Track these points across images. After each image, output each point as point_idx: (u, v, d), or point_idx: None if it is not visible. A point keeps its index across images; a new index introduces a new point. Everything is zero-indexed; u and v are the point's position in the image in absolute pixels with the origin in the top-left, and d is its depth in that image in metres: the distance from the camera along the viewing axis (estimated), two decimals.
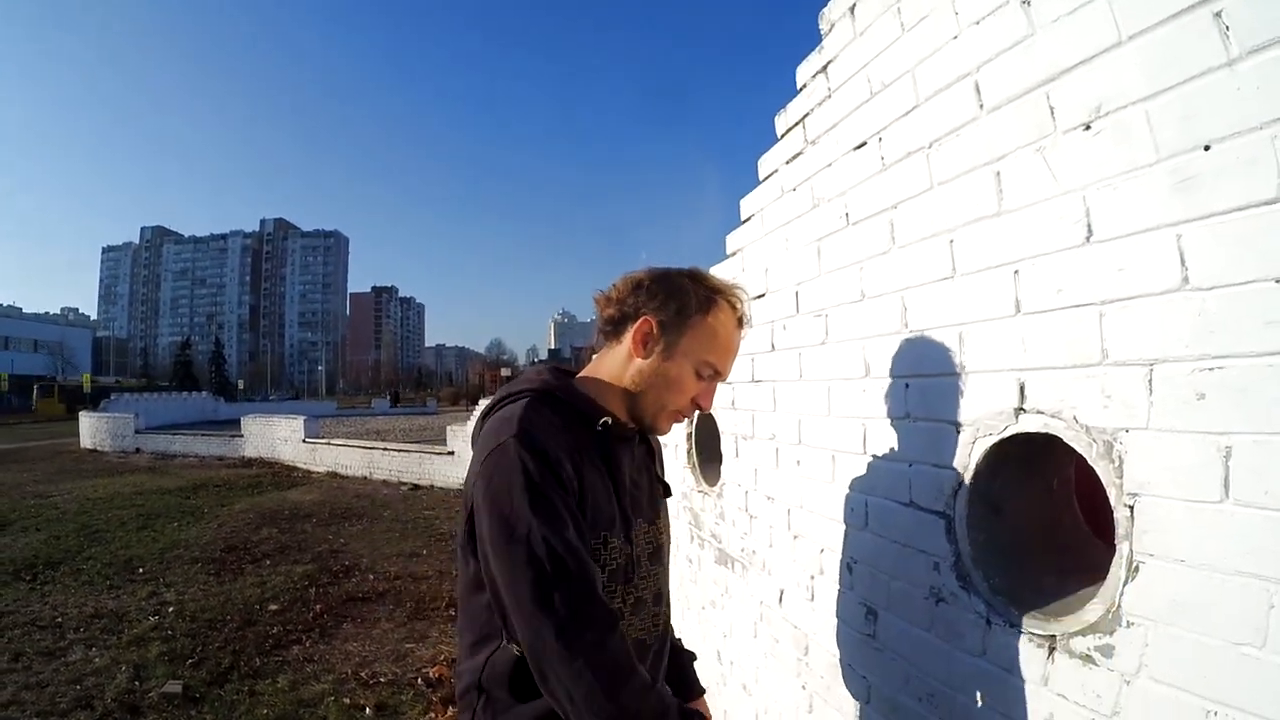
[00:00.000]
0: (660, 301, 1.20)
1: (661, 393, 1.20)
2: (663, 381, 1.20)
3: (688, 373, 1.20)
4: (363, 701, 3.77)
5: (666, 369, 1.19)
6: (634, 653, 1.15)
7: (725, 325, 1.22)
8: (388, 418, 37.56)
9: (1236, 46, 0.84)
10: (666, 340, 1.19)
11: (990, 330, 1.27)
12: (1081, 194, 1.07)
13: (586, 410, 1.17)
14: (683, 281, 1.22)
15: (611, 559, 1.12)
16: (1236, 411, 0.85)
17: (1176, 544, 0.92)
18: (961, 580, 1.35)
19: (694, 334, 1.20)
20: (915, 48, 1.47)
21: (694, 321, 1.20)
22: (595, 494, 1.11)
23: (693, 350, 1.20)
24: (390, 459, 12.84)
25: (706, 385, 1.24)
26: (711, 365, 1.21)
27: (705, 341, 1.20)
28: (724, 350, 1.23)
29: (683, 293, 1.20)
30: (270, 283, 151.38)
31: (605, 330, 1.26)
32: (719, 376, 1.24)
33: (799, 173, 2.03)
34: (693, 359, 1.20)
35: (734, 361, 1.27)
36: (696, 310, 1.20)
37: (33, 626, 4.94)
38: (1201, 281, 0.89)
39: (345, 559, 6.97)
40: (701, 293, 1.22)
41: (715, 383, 1.25)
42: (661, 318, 1.19)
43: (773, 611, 2.29)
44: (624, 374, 1.22)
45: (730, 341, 1.24)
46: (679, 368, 1.20)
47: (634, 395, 1.22)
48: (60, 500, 10.66)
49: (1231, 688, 0.85)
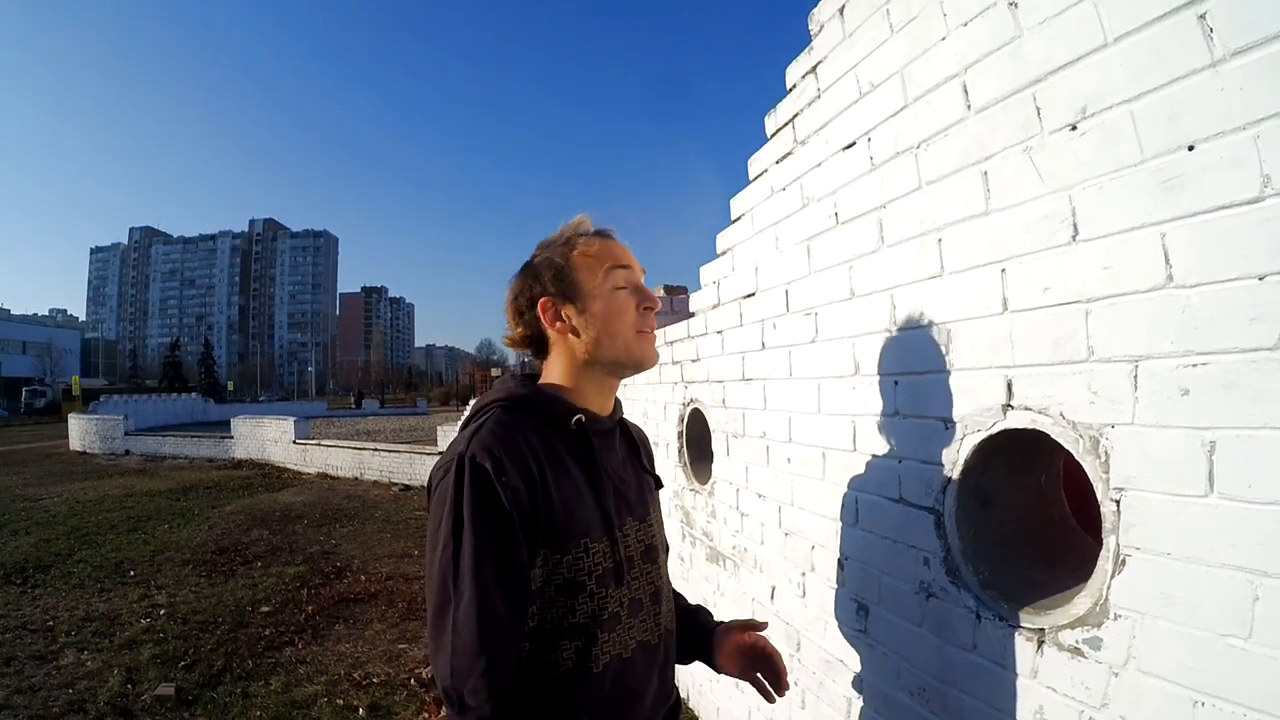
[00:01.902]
0: (535, 283, 1.20)
1: (609, 328, 1.18)
2: (601, 322, 1.17)
3: (611, 298, 1.18)
4: (355, 702, 3.76)
5: (594, 312, 1.17)
6: (640, 661, 1.15)
7: (593, 245, 1.20)
8: (378, 418, 37.44)
9: (1221, 48, 0.85)
10: (568, 297, 1.18)
11: (978, 328, 1.29)
12: (1068, 194, 1.09)
13: (558, 410, 1.15)
14: (535, 259, 1.23)
15: (596, 564, 1.09)
16: (1220, 406, 0.87)
17: (1162, 537, 0.94)
18: (951, 575, 1.36)
19: (582, 272, 1.18)
20: (904, 49, 1.48)
21: (571, 265, 1.18)
22: (569, 499, 1.08)
23: (594, 280, 1.18)
24: (381, 460, 12.78)
25: (634, 289, 1.21)
26: (618, 272, 1.19)
27: (594, 265, 1.18)
28: (613, 256, 1.20)
29: (543, 264, 1.20)
30: (260, 283, 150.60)
31: (533, 352, 1.25)
32: (634, 274, 1.22)
33: (789, 172, 2.04)
34: (602, 285, 1.18)
35: (631, 258, 1.24)
36: (564, 259, 1.19)
37: (24, 630, 4.90)
38: (1186, 279, 0.91)
39: (337, 560, 6.94)
40: (554, 247, 1.21)
41: (637, 280, 1.22)
42: (550, 290, 1.19)
43: (765, 608, 2.30)
44: (575, 355, 1.20)
45: (607, 248, 1.21)
46: (602, 302, 1.17)
47: (599, 357, 1.19)
48: (50, 503, 10.57)
49: (1218, 678, 0.86)
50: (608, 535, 1.12)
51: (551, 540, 1.05)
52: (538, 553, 1.04)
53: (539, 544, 1.04)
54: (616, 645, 1.11)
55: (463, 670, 0.96)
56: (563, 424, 1.14)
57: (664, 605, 1.25)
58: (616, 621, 1.11)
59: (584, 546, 1.08)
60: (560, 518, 1.06)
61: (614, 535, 1.13)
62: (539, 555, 1.04)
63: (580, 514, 1.09)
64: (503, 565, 1.00)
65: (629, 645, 1.13)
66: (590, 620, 1.08)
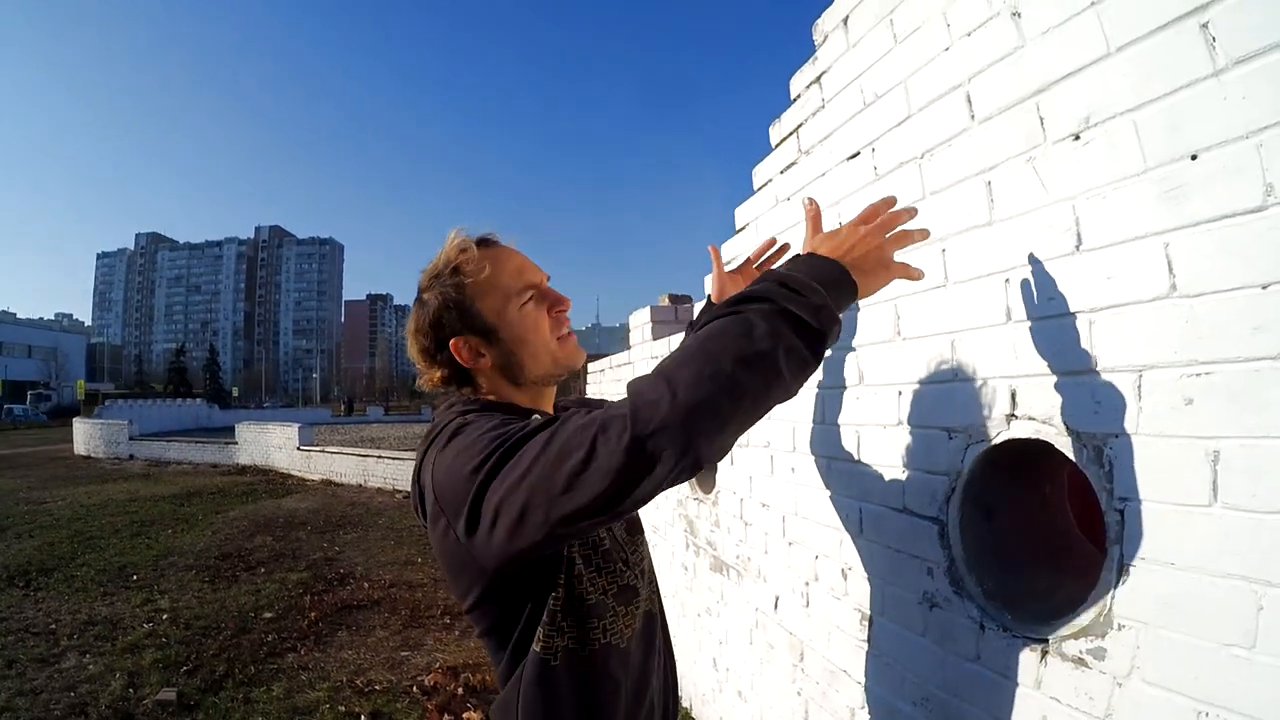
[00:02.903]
0: (437, 325, 1.14)
1: (528, 348, 1.15)
2: (519, 345, 1.14)
3: (517, 316, 1.14)
4: (358, 709, 3.76)
5: (507, 338, 1.14)
6: (643, 631, 1.15)
7: (481, 266, 1.13)
8: (382, 425, 37.48)
9: (1223, 57, 0.86)
10: (475, 326, 1.13)
11: (982, 338, 1.29)
12: (1071, 203, 1.09)
13: (514, 412, 1.11)
14: (426, 297, 1.16)
15: (601, 540, 1.11)
16: (1224, 416, 0.87)
17: (1166, 547, 0.94)
18: (955, 585, 1.36)
19: (479, 300, 1.13)
20: (908, 59, 1.49)
21: (466, 295, 1.12)
22: None
23: (496, 302, 1.13)
24: (385, 467, 12.78)
25: (539, 296, 1.16)
26: (517, 288, 1.15)
27: (489, 287, 1.13)
28: (506, 273, 1.15)
29: (437, 300, 1.14)
30: (265, 290, 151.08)
31: (458, 389, 1.20)
32: (535, 279, 1.17)
33: (793, 182, 2.04)
34: (505, 306, 1.14)
35: (526, 261, 1.19)
36: (457, 290, 1.12)
37: (26, 633, 4.90)
38: (1189, 289, 0.91)
39: (340, 567, 6.94)
40: (442, 280, 1.14)
41: (541, 285, 1.18)
42: (457, 328, 1.13)
43: (768, 618, 2.30)
44: (501, 379, 1.17)
45: (497, 266, 1.15)
46: (509, 324, 1.14)
47: (525, 377, 1.17)
48: (54, 507, 10.60)
49: (1222, 689, 0.86)
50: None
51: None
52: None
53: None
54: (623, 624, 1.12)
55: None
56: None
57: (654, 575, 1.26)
58: (634, 594, 1.14)
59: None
60: None
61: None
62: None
63: None
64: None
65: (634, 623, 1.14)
66: (603, 595, 1.09)
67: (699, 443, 0.78)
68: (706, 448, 0.79)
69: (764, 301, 0.85)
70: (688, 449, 0.77)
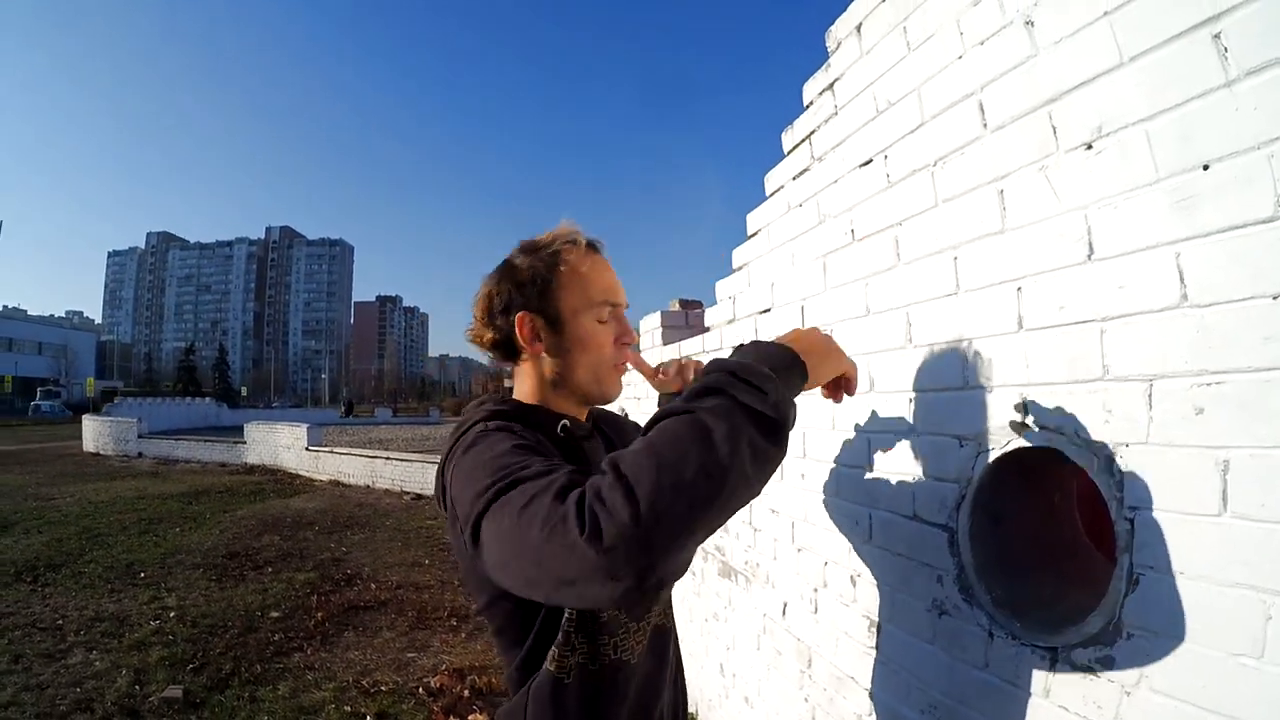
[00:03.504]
0: (515, 292, 1.14)
1: (584, 358, 1.15)
2: (577, 350, 1.14)
3: (589, 324, 1.14)
4: (363, 710, 3.77)
5: (569, 336, 1.14)
6: (652, 645, 1.16)
7: (582, 262, 1.14)
8: (390, 427, 37.57)
9: (1235, 67, 0.86)
10: (547, 315, 1.13)
11: (993, 346, 1.29)
12: (1083, 212, 1.09)
13: (543, 420, 1.12)
14: (516, 263, 1.16)
15: None
16: (1235, 426, 0.87)
17: (1176, 556, 0.94)
18: (964, 593, 1.36)
19: (564, 290, 1.13)
20: (921, 67, 1.49)
21: (554, 281, 1.13)
22: None
23: (575, 302, 1.13)
24: (393, 468, 12.81)
25: (616, 323, 1.17)
26: (601, 301, 1.15)
27: (577, 287, 1.13)
28: (600, 281, 1.15)
29: (525, 270, 1.14)
30: (275, 290, 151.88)
31: (498, 357, 1.21)
32: (618, 306, 1.18)
33: (805, 189, 2.05)
34: (582, 310, 1.13)
35: (618, 284, 1.19)
36: (548, 272, 1.13)
37: (33, 628, 4.94)
38: (1200, 298, 0.91)
39: (347, 567, 6.96)
40: (541, 255, 1.14)
41: (620, 314, 1.18)
42: (528, 305, 1.13)
43: (776, 624, 2.30)
44: (544, 374, 1.17)
45: (598, 270, 1.16)
46: (579, 327, 1.13)
47: (567, 382, 1.16)
48: (62, 503, 10.66)
49: (1230, 698, 0.86)
50: None
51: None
52: None
53: None
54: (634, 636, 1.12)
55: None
56: (549, 429, 1.12)
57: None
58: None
59: None
60: None
61: None
62: None
63: None
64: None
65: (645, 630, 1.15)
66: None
67: (659, 566, 0.73)
68: (667, 568, 0.75)
69: (719, 396, 0.82)
70: (647, 573, 0.72)
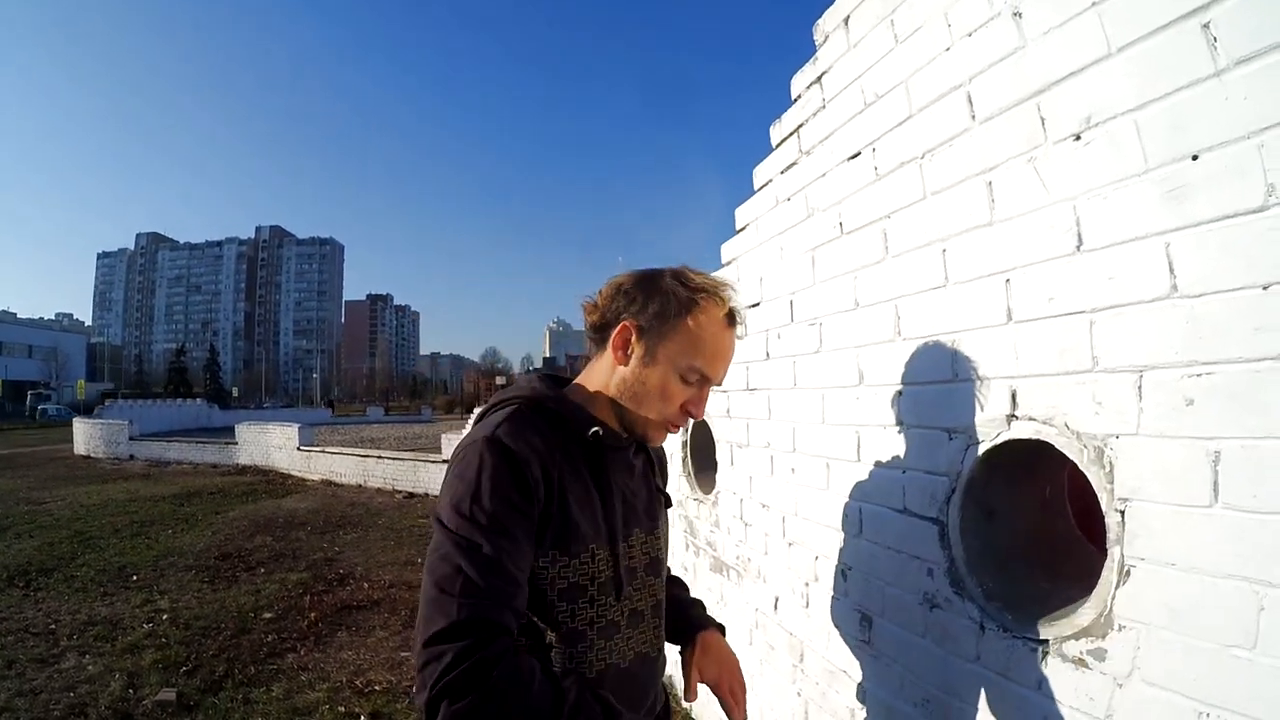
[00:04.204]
0: (639, 305, 1.12)
1: (647, 401, 1.13)
2: (647, 389, 1.12)
3: (672, 379, 1.11)
4: (358, 710, 3.75)
5: (649, 375, 1.12)
6: (639, 672, 1.16)
7: (710, 326, 1.11)
8: (382, 426, 37.47)
9: (1224, 57, 0.86)
10: (646, 344, 1.11)
11: (983, 338, 1.29)
12: (1072, 203, 1.09)
13: (576, 419, 1.11)
14: (663, 282, 1.13)
15: (600, 571, 1.09)
16: (1225, 416, 0.87)
17: (1167, 548, 0.93)
18: (955, 586, 1.36)
19: (676, 337, 1.10)
20: (909, 59, 1.49)
21: (675, 324, 1.10)
22: (580, 504, 1.07)
23: (675, 355, 1.11)
24: (385, 467, 12.77)
25: (696, 391, 1.14)
26: (697, 370, 1.11)
27: (688, 345, 1.10)
28: (711, 353, 1.12)
29: (663, 294, 1.11)
30: (265, 290, 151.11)
31: (592, 337, 1.20)
32: (708, 381, 1.14)
33: (794, 182, 2.04)
34: (676, 364, 1.11)
35: (726, 365, 1.17)
36: (677, 312, 1.10)
37: (26, 633, 4.89)
38: (1190, 289, 0.91)
39: (340, 567, 6.93)
40: (683, 293, 1.11)
41: (706, 388, 1.16)
42: (640, 322, 1.11)
43: (768, 619, 2.30)
44: (609, 382, 1.15)
45: (717, 343, 1.13)
46: (662, 374, 1.11)
47: (620, 395, 1.14)
48: (54, 507, 10.57)
49: (1223, 690, 0.86)
50: (610, 545, 1.11)
51: (561, 541, 1.04)
52: (547, 552, 1.04)
53: (548, 543, 1.04)
54: (614, 654, 1.11)
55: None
56: (580, 433, 1.11)
57: (662, 618, 1.26)
58: (615, 630, 1.11)
59: (591, 552, 1.08)
60: (570, 520, 1.05)
61: (617, 547, 1.12)
62: (549, 555, 1.04)
63: (588, 520, 1.08)
64: (514, 538, 0.99)
65: (626, 655, 1.13)
66: (588, 627, 1.08)
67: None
68: None
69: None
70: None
